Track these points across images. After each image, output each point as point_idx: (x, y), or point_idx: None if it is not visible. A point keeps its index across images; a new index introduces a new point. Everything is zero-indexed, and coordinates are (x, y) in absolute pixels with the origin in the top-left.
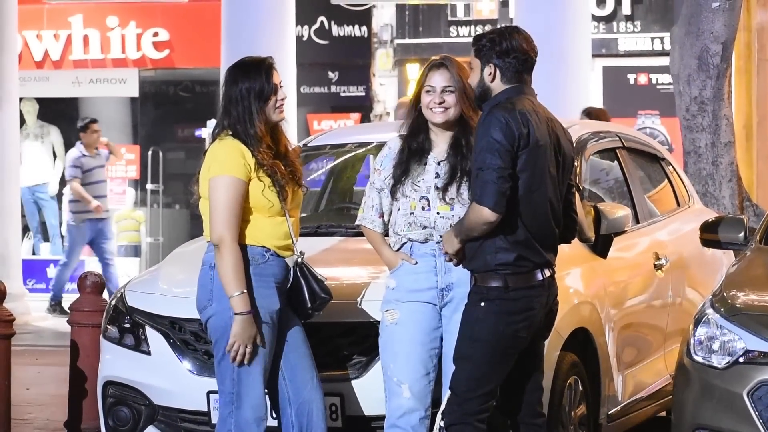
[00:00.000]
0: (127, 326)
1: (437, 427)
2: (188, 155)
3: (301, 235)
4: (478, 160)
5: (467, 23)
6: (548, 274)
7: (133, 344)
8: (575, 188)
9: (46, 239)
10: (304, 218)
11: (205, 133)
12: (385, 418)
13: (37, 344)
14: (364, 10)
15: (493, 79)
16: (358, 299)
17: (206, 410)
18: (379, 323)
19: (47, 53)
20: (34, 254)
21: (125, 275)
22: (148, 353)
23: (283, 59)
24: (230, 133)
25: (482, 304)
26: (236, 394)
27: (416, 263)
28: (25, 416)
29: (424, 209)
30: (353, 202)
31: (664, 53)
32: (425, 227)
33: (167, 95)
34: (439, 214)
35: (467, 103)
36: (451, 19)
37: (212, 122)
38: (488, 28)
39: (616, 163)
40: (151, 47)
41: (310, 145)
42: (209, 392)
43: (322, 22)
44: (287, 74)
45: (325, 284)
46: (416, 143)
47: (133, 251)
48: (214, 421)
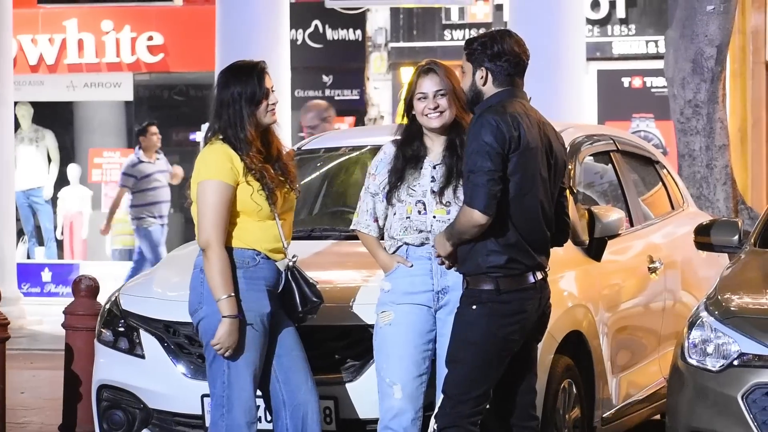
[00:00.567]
0: (121, 330)
1: (431, 430)
2: (183, 159)
3: (294, 238)
4: (469, 162)
5: (461, 27)
6: (540, 276)
7: (127, 348)
8: (569, 191)
9: (40, 243)
10: (298, 221)
11: (199, 136)
12: (378, 421)
13: (31, 348)
14: (358, 13)
15: (484, 82)
16: (351, 302)
17: (200, 414)
18: (372, 326)
19: (42, 57)
20: (28, 258)
21: (119, 279)
22: (142, 357)
23: (277, 63)
24: (221, 137)
25: (474, 307)
26: (227, 397)
27: (412, 266)
28: (19, 420)
29: (420, 213)
30: (347, 205)
31: (658, 56)
32: (421, 231)
33: (162, 99)
34: (435, 217)
35: (459, 104)
36: (445, 22)
37: (206, 126)
38: (482, 31)
39: (610, 166)
40: (145, 51)
41: (304, 148)
42: (203, 396)
43: (316, 25)
44: (281, 78)
45: (316, 288)
46: (411, 150)
47: (127, 255)
48: (208, 424)
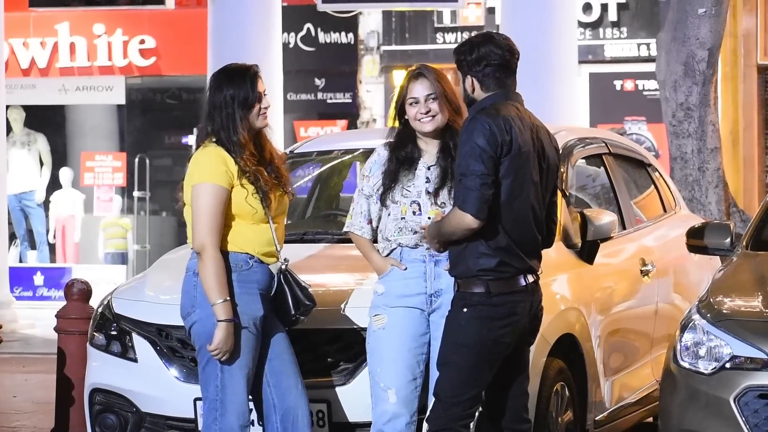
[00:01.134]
0: (113, 333)
1: None
2: (175, 162)
3: (287, 241)
4: (461, 165)
5: (454, 30)
6: (531, 279)
7: (119, 351)
8: (561, 194)
9: (33, 247)
10: (290, 225)
11: (191, 140)
12: (371, 424)
13: (24, 352)
14: (350, 17)
15: (473, 89)
16: (344, 306)
17: (193, 417)
18: (365, 330)
19: (34, 61)
20: (20, 262)
21: (112, 282)
22: (135, 360)
23: (269, 66)
24: (214, 140)
25: (465, 309)
26: (220, 401)
27: (406, 269)
28: (12, 424)
29: (415, 214)
30: (340, 208)
31: (650, 59)
32: (416, 232)
33: (154, 102)
34: (430, 218)
35: (450, 107)
36: (437, 25)
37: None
38: (474, 34)
39: (602, 169)
40: (137, 55)
41: (296, 151)
42: (196, 399)
43: (308, 29)
44: (274, 81)
45: (309, 291)
46: (404, 153)
47: (119, 258)
48: (201, 428)
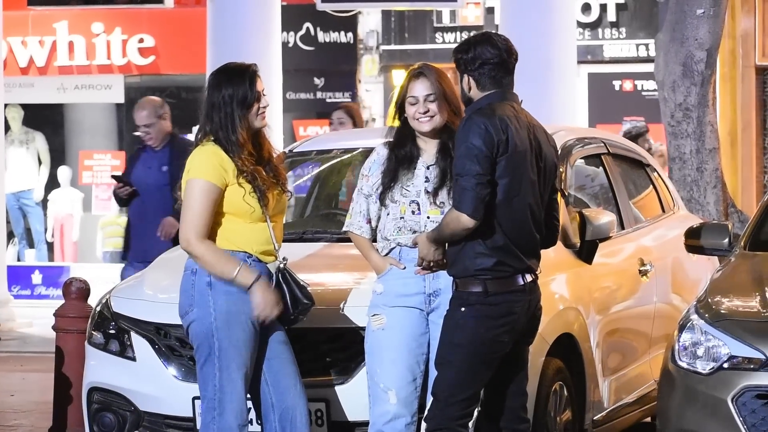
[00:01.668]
0: (112, 332)
1: None
2: None
3: (286, 240)
4: (457, 165)
5: (453, 29)
6: (529, 279)
7: (118, 350)
8: (560, 194)
9: (31, 245)
10: (289, 224)
11: (190, 138)
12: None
13: (21, 350)
14: (349, 16)
15: (470, 89)
16: (343, 305)
17: (191, 416)
18: (364, 329)
19: (32, 59)
20: (19, 260)
21: (110, 281)
22: (133, 359)
23: (268, 65)
24: (212, 138)
25: (463, 309)
26: (218, 400)
27: (404, 268)
28: (10, 423)
29: (414, 213)
30: (339, 207)
31: (649, 60)
32: (415, 231)
33: None
34: (429, 218)
35: (450, 108)
36: (436, 25)
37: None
38: (474, 34)
39: (601, 169)
40: (136, 53)
41: (295, 150)
42: (194, 398)
43: (307, 28)
44: (273, 80)
45: (307, 290)
46: (404, 152)
47: (118, 257)
48: (199, 427)
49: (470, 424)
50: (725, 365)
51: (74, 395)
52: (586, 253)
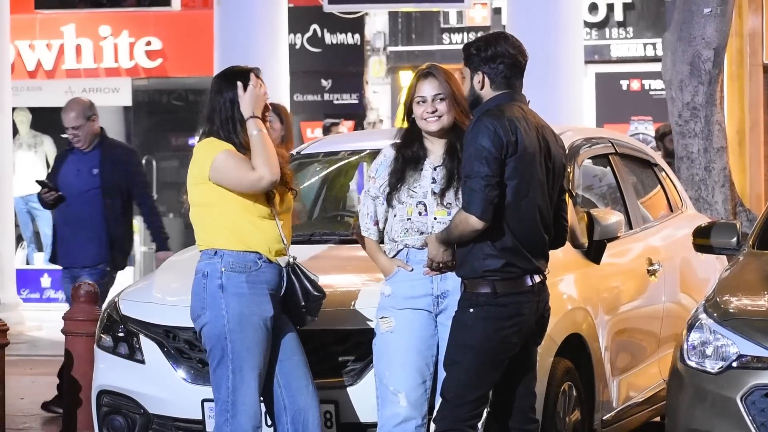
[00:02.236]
0: (121, 335)
1: None
2: (181, 164)
3: (294, 242)
4: (466, 167)
5: (460, 30)
6: (538, 279)
7: (127, 353)
8: (568, 194)
9: (39, 249)
10: (297, 226)
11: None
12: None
13: (31, 354)
14: (356, 17)
15: (482, 86)
16: (351, 306)
17: (201, 419)
18: (373, 330)
19: (40, 63)
20: (27, 264)
21: (119, 284)
22: (142, 362)
23: (276, 67)
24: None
25: (471, 310)
26: (231, 402)
27: (412, 270)
28: (19, 426)
29: (421, 214)
30: (347, 209)
31: (656, 59)
32: (422, 233)
33: (160, 104)
34: (436, 219)
35: (458, 108)
36: (443, 26)
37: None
38: (481, 35)
39: (609, 168)
40: (144, 56)
41: (303, 152)
42: (204, 401)
43: (314, 30)
44: (280, 82)
45: (318, 284)
46: (410, 152)
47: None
48: (209, 429)
49: (479, 425)
50: (734, 364)
51: (84, 398)
52: (594, 253)
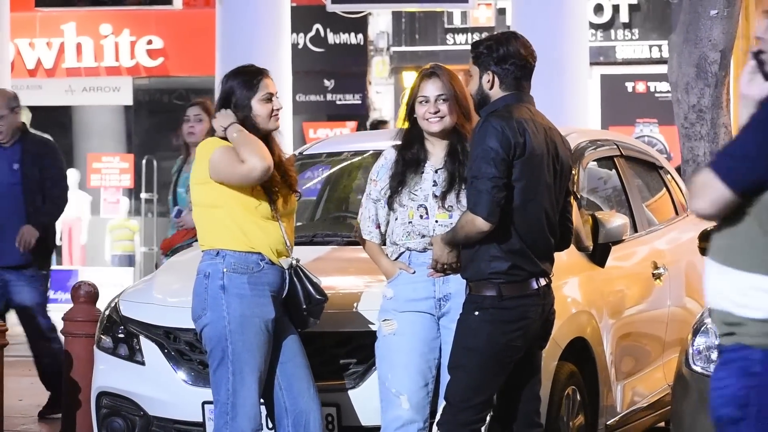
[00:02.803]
0: (121, 336)
1: None
2: None
3: (296, 243)
4: (473, 168)
5: (464, 31)
6: (543, 283)
7: (127, 354)
8: (573, 197)
9: None
10: (299, 227)
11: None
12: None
13: (30, 355)
14: (360, 17)
15: (491, 86)
16: (353, 308)
17: (201, 421)
18: (375, 332)
19: (40, 61)
20: None
21: (119, 285)
22: (142, 363)
23: (278, 67)
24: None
25: (476, 313)
26: (231, 404)
27: (414, 272)
28: (18, 428)
29: (422, 218)
30: (349, 210)
31: (662, 61)
32: (424, 236)
33: (161, 103)
34: (437, 222)
35: (460, 110)
36: (447, 26)
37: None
38: (485, 36)
39: (614, 171)
40: (145, 55)
41: (305, 153)
42: (204, 403)
43: (317, 29)
44: (283, 82)
45: (320, 287)
46: (411, 154)
47: (127, 260)
48: (211, 431)
49: (483, 429)
50: None
51: (83, 400)
52: (599, 256)
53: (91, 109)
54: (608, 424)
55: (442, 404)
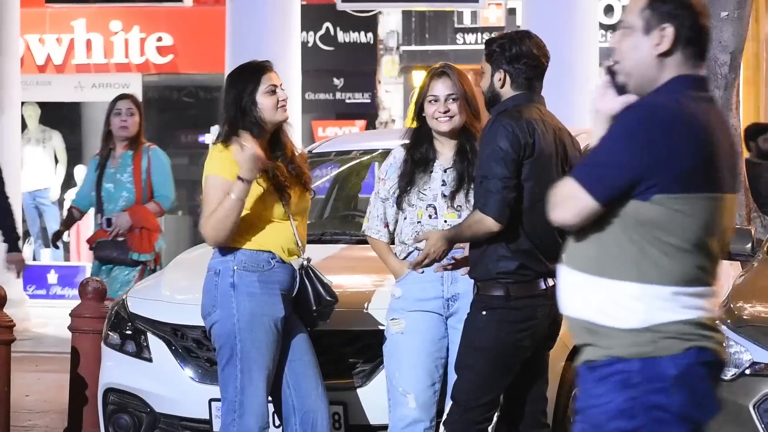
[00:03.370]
0: (128, 333)
1: None
2: (191, 161)
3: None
4: (483, 167)
5: (474, 30)
6: (552, 283)
7: (134, 351)
8: None
9: (46, 245)
10: (309, 225)
11: (208, 139)
12: (388, 427)
13: (37, 351)
14: (370, 16)
15: (502, 84)
16: (362, 307)
17: (208, 418)
18: (383, 331)
19: (49, 57)
20: (34, 260)
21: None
22: (149, 360)
23: (288, 65)
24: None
25: (484, 312)
26: (239, 402)
27: (423, 272)
28: (24, 423)
29: (431, 217)
30: (358, 209)
31: None
32: None
33: (170, 101)
34: (446, 221)
35: (469, 110)
36: (457, 26)
37: (216, 128)
38: (495, 35)
39: None
40: (154, 52)
41: (315, 151)
42: (211, 400)
43: (327, 28)
44: (292, 80)
45: (330, 288)
46: (420, 153)
47: None
48: (215, 429)
49: (490, 428)
50: (747, 371)
51: (90, 396)
52: None
53: (100, 105)
54: None
55: (449, 404)
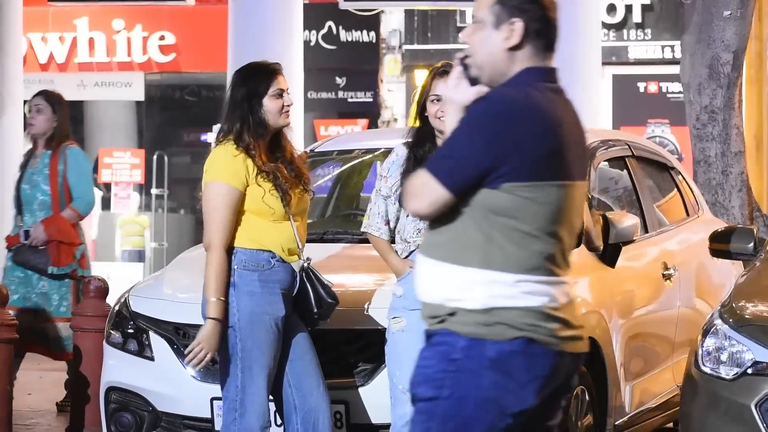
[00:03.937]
0: (130, 331)
1: None
2: (194, 160)
3: (307, 241)
4: None
5: None
6: None
7: (136, 350)
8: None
9: None
10: (310, 224)
11: (210, 137)
12: (390, 426)
13: None
14: (372, 15)
15: None
16: (363, 306)
17: (210, 417)
18: (385, 330)
19: (52, 56)
20: None
21: (129, 280)
22: (151, 359)
23: (290, 64)
24: (231, 138)
25: None
26: (240, 401)
27: None
28: (26, 422)
29: None
30: (360, 208)
31: (674, 61)
32: None
33: (173, 99)
34: None
35: None
36: (460, 24)
37: (218, 127)
38: None
39: (625, 171)
40: (157, 51)
41: (316, 150)
42: (213, 399)
43: (330, 27)
44: (294, 79)
45: (331, 289)
46: (422, 151)
47: (137, 256)
48: (217, 428)
49: None
50: (749, 371)
51: (92, 395)
52: (609, 256)
53: (102, 104)
54: (617, 424)
55: None
